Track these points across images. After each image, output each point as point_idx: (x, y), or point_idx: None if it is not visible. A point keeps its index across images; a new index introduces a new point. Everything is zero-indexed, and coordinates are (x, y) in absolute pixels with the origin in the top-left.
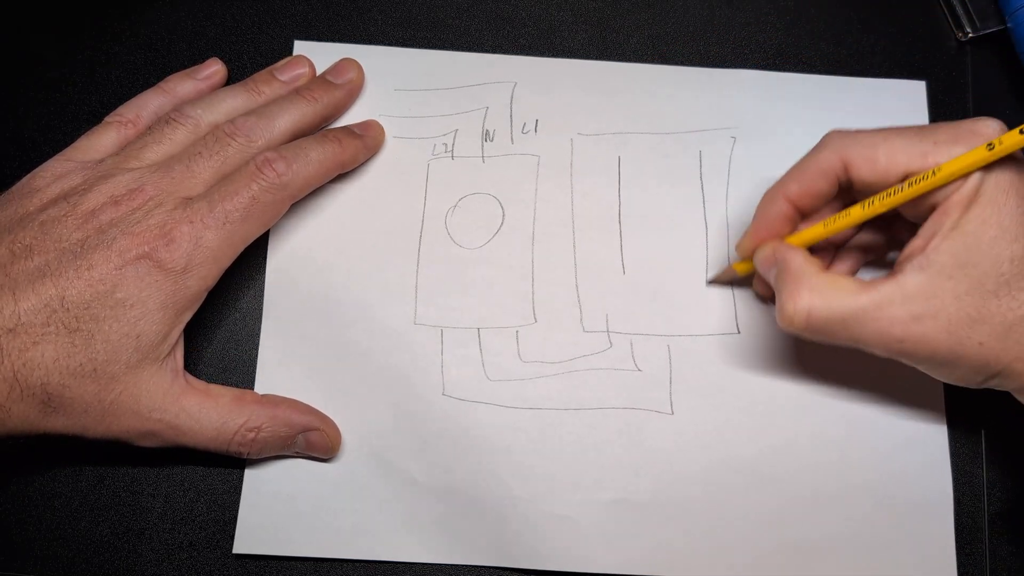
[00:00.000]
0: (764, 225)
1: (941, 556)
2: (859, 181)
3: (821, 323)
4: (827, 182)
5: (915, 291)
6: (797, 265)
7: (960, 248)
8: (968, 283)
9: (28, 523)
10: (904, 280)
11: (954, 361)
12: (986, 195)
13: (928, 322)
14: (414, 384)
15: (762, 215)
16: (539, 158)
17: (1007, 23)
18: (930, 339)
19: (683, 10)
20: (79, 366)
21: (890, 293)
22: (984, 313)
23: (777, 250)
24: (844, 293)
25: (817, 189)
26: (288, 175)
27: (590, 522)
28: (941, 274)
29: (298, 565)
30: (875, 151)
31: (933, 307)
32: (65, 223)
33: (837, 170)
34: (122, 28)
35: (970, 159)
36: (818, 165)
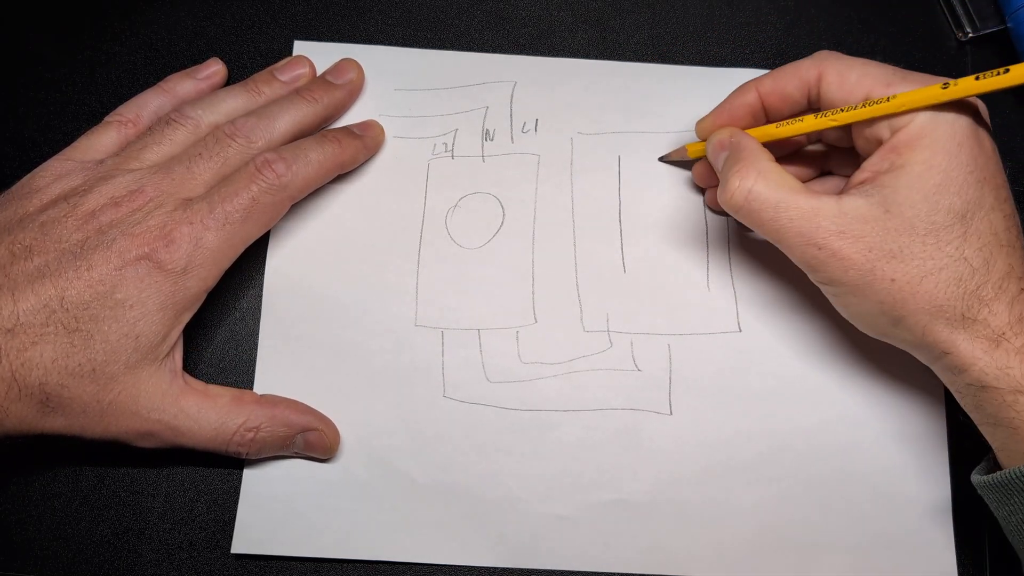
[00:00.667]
0: (728, 109)
1: (941, 556)
2: (826, 95)
3: (757, 204)
4: (798, 87)
5: (850, 210)
6: (752, 148)
7: (903, 185)
8: (901, 220)
9: (28, 523)
10: (845, 200)
11: (861, 288)
12: (939, 141)
13: (850, 240)
14: (414, 385)
15: (729, 100)
16: (539, 157)
17: (1007, 23)
18: (846, 255)
19: (683, 10)
20: (78, 366)
21: (828, 204)
22: (906, 252)
23: (734, 134)
24: (787, 186)
25: (787, 90)
26: (288, 176)
27: (589, 522)
28: (879, 205)
29: (297, 565)
30: (850, 71)
31: (860, 230)
32: (65, 224)
33: (811, 78)
34: (122, 28)
35: (924, 93)
36: (796, 69)
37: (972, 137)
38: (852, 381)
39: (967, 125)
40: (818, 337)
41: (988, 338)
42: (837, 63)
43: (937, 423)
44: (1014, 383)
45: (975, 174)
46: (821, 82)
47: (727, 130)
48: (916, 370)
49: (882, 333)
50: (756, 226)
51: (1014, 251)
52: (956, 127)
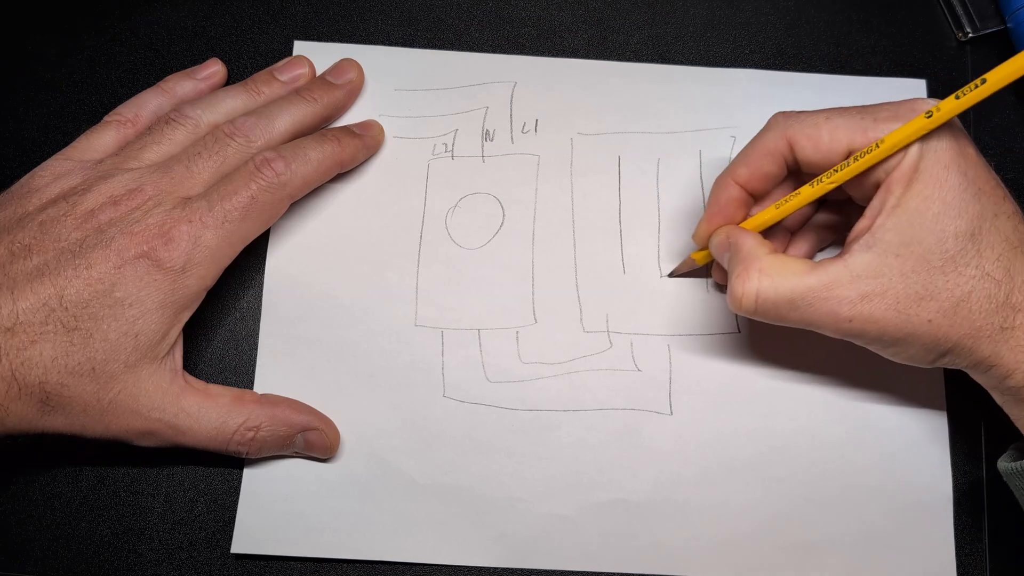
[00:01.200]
0: (717, 210)
1: (941, 556)
2: (805, 161)
3: (770, 304)
4: (774, 163)
5: (862, 270)
6: (748, 247)
7: (904, 225)
8: (914, 260)
9: (28, 523)
10: (851, 260)
11: (904, 339)
12: (927, 171)
13: (876, 300)
14: (414, 385)
15: (714, 201)
16: (539, 158)
17: (1007, 23)
18: (878, 317)
19: (683, 10)
20: (77, 365)
21: (838, 273)
22: (931, 289)
23: (730, 234)
24: (792, 274)
25: (765, 171)
26: (287, 175)
27: (589, 522)
28: (887, 252)
29: (297, 565)
30: (818, 130)
31: (881, 285)
32: (64, 223)
33: (783, 151)
34: (122, 28)
35: (911, 128)
36: (764, 147)
37: (957, 155)
38: (852, 381)
39: (949, 144)
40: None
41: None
42: (800, 126)
43: (938, 422)
44: None
45: (969, 189)
46: (795, 150)
47: (723, 230)
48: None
49: (932, 364)
50: (781, 323)
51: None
52: (940, 150)
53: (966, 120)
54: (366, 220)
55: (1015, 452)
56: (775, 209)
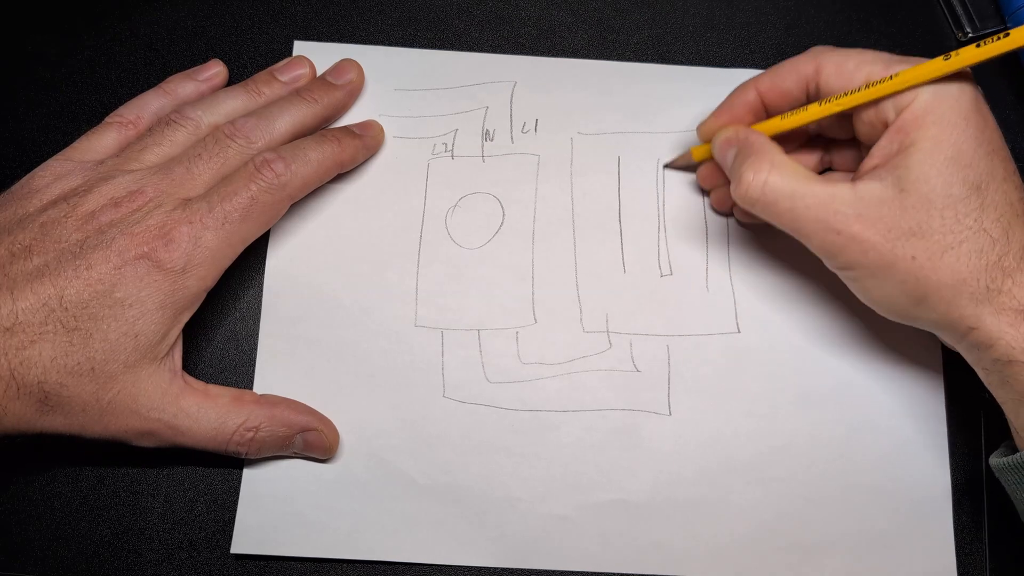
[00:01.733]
0: (728, 109)
1: (941, 556)
2: (826, 85)
3: (772, 197)
4: (797, 82)
5: (866, 194)
6: (762, 142)
7: (915, 163)
8: (917, 197)
9: (28, 523)
10: (860, 185)
11: (883, 270)
12: (945, 117)
13: (868, 223)
14: (414, 386)
15: (729, 100)
16: (539, 157)
17: (1007, 23)
18: (866, 239)
19: (683, 10)
20: (77, 365)
21: (843, 189)
22: (924, 228)
23: (739, 131)
24: (801, 176)
25: (786, 87)
26: (287, 175)
27: (589, 522)
28: (894, 185)
29: (296, 565)
30: (847, 59)
31: (878, 212)
32: (65, 224)
33: (809, 74)
34: (122, 28)
35: (927, 68)
36: (794, 65)
37: (977, 111)
38: (851, 381)
39: (971, 99)
40: (817, 337)
41: (1014, 310)
42: (834, 54)
43: (937, 422)
44: None
45: (984, 146)
46: (819, 74)
47: (731, 128)
48: (916, 370)
49: (904, 314)
50: (773, 218)
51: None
52: (961, 101)
53: None
54: (366, 220)
55: (1006, 448)
56: (780, 120)
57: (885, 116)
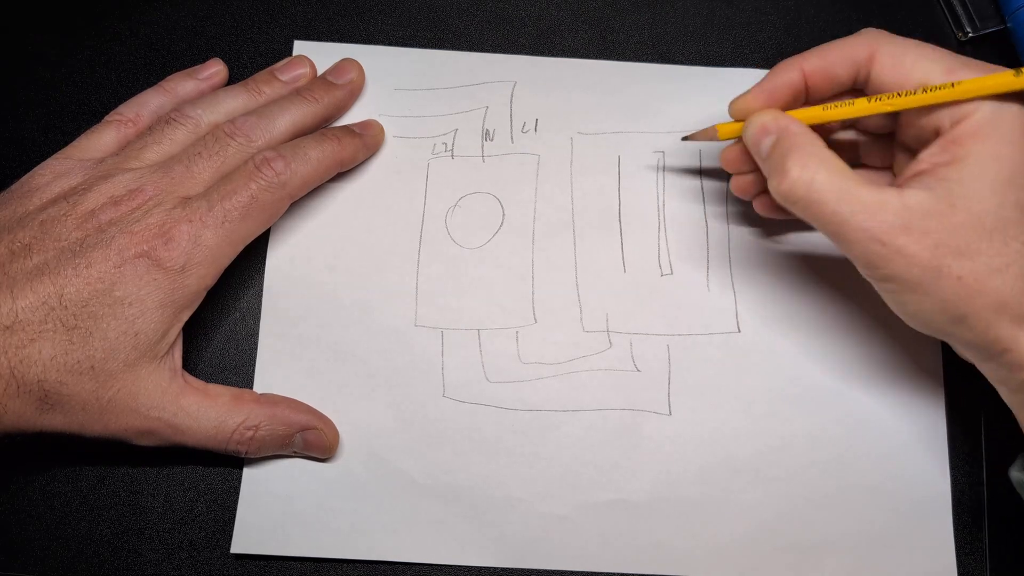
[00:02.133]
0: (769, 88)
1: (941, 556)
2: (877, 78)
3: (817, 196)
4: (847, 68)
5: (915, 205)
6: (806, 134)
7: (969, 178)
8: (968, 215)
9: (28, 523)
10: (908, 193)
11: (925, 286)
12: (1003, 132)
13: (916, 236)
14: (414, 385)
15: (771, 79)
16: (539, 157)
17: (1007, 23)
18: (911, 252)
19: (683, 10)
20: (76, 363)
21: (890, 197)
22: (973, 249)
23: (779, 118)
24: (848, 178)
25: (834, 72)
26: (287, 174)
27: (589, 522)
28: (945, 199)
29: (296, 565)
30: (905, 52)
31: (926, 225)
32: (64, 223)
33: (861, 59)
34: (122, 28)
35: (995, 80)
36: (846, 48)
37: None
38: (852, 381)
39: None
40: (818, 337)
41: None
42: (891, 44)
43: (937, 423)
44: None
45: None
46: (873, 64)
47: (770, 113)
48: (916, 370)
49: (938, 331)
50: (814, 219)
51: None
52: (1021, 118)
53: None
54: (366, 220)
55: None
56: (822, 110)
57: (938, 123)
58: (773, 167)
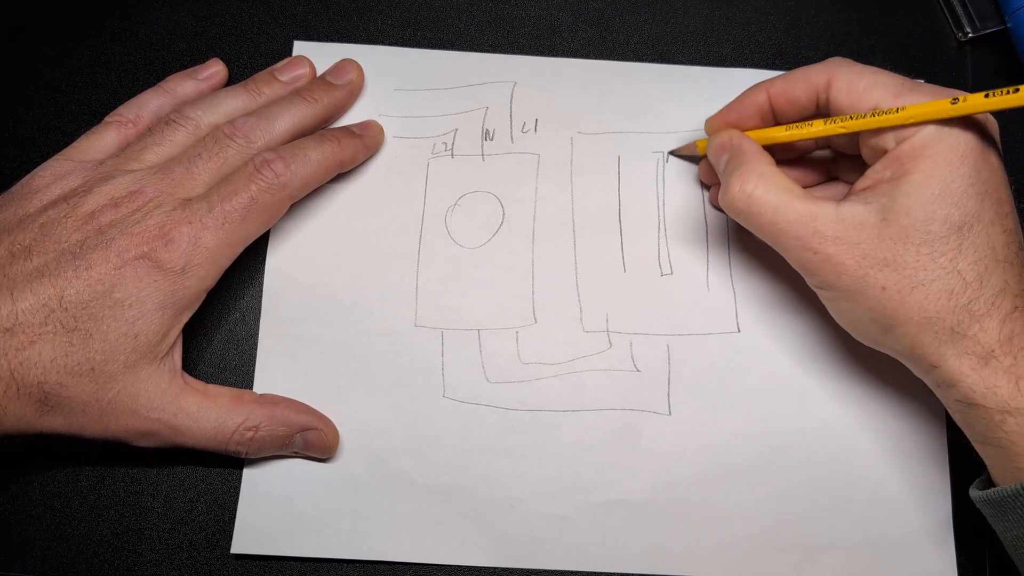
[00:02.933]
0: (736, 107)
1: (941, 556)
2: (835, 101)
3: (757, 209)
4: (807, 92)
5: (847, 217)
6: (753, 152)
7: (901, 194)
8: (896, 228)
9: (28, 523)
10: (844, 207)
11: (854, 295)
12: (941, 153)
13: (845, 246)
14: (414, 386)
15: (740, 99)
16: (539, 157)
17: (1007, 23)
18: (839, 261)
19: (683, 10)
20: (76, 365)
21: (826, 209)
22: (898, 260)
23: (733, 137)
24: (787, 191)
25: (795, 95)
26: (287, 175)
27: (589, 522)
28: (878, 213)
29: (296, 565)
30: (860, 78)
31: (856, 236)
32: (65, 224)
33: (820, 84)
34: (122, 28)
35: (934, 107)
36: (806, 73)
37: (976, 151)
38: (851, 382)
39: (972, 139)
40: (817, 338)
41: (977, 355)
42: (848, 71)
43: (936, 423)
44: (1001, 403)
45: (976, 187)
46: (830, 88)
47: (727, 132)
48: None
49: (873, 341)
50: (755, 229)
51: (1011, 268)
52: (960, 140)
53: None
54: (366, 220)
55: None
56: (784, 130)
57: (886, 144)
58: (723, 181)
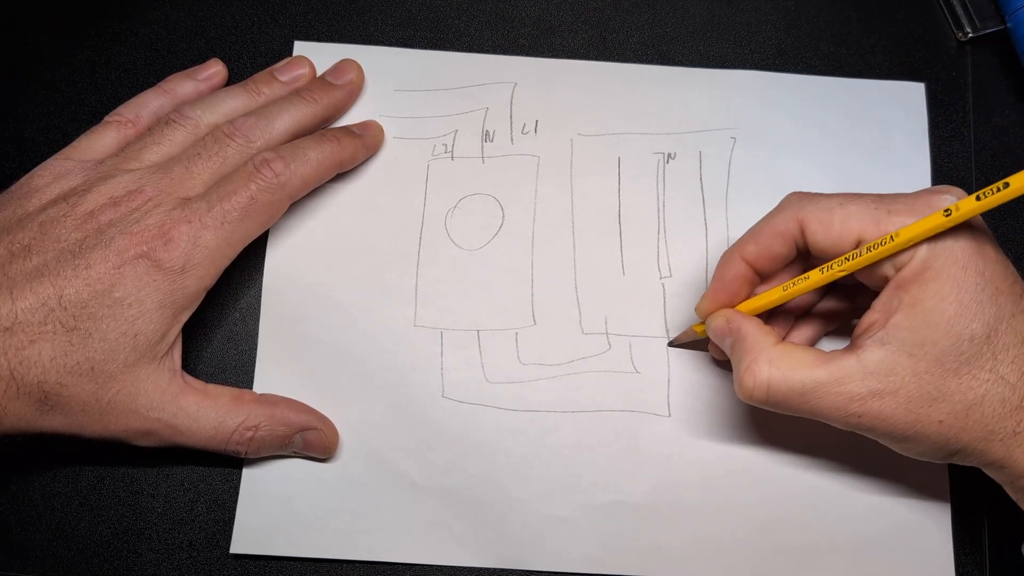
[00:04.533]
0: (721, 287)
1: (940, 558)
2: (814, 245)
3: (781, 396)
4: (784, 244)
5: (875, 367)
6: (753, 336)
7: (919, 324)
8: (928, 361)
9: (28, 523)
10: (864, 355)
11: (913, 437)
12: (944, 270)
13: (887, 398)
14: (413, 386)
15: (720, 276)
16: (539, 159)
17: (1007, 23)
18: (888, 415)
19: (683, 10)
20: (76, 364)
21: (849, 368)
22: (944, 391)
23: (731, 320)
24: (802, 366)
25: (774, 251)
26: (286, 175)
27: (587, 524)
28: (901, 351)
29: (296, 565)
30: (831, 215)
31: (892, 384)
32: (64, 223)
33: (794, 232)
34: (122, 28)
35: (928, 224)
36: (775, 227)
37: (975, 254)
38: None
39: (968, 244)
40: None
41: None
42: (813, 209)
43: None
44: None
45: (987, 291)
46: (805, 232)
47: (722, 315)
48: None
49: (944, 460)
50: (789, 412)
51: None
52: (957, 249)
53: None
54: (366, 220)
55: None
56: (782, 291)
57: (884, 273)
58: (734, 371)
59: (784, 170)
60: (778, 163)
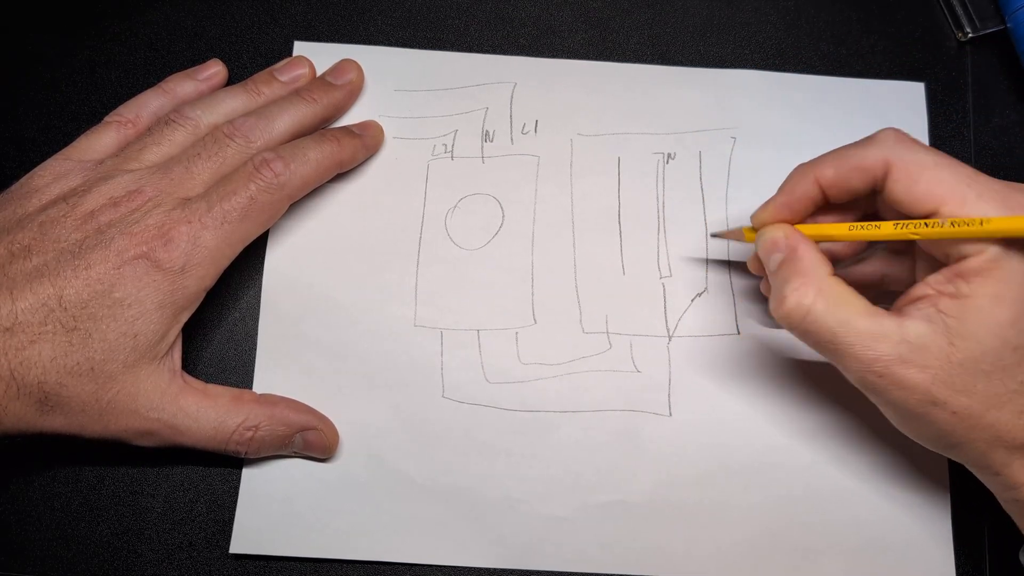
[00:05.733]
0: (787, 201)
1: (940, 559)
2: (890, 193)
3: (814, 327)
4: (863, 180)
5: (914, 338)
6: (809, 259)
7: (970, 317)
8: (965, 355)
9: (28, 523)
10: (906, 324)
11: (921, 417)
12: (1008, 276)
13: (913, 370)
14: (413, 386)
15: (788, 191)
16: (539, 159)
17: (1007, 23)
18: (907, 386)
19: (683, 10)
20: (76, 365)
21: (889, 329)
22: (969, 387)
23: (790, 236)
24: (848, 307)
25: (851, 184)
26: (286, 175)
27: (588, 524)
28: (943, 335)
29: (296, 565)
30: (922, 171)
31: (924, 360)
32: (64, 224)
33: (877, 172)
34: (122, 28)
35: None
36: (861, 160)
37: None
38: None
39: None
40: None
41: None
42: (908, 158)
43: None
44: None
45: None
46: (887, 178)
47: (780, 228)
48: None
49: (935, 449)
50: (811, 345)
51: None
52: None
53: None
54: (366, 220)
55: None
56: (848, 230)
57: (948, 251)
58: (775, 287)
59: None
60: (778, 163)
